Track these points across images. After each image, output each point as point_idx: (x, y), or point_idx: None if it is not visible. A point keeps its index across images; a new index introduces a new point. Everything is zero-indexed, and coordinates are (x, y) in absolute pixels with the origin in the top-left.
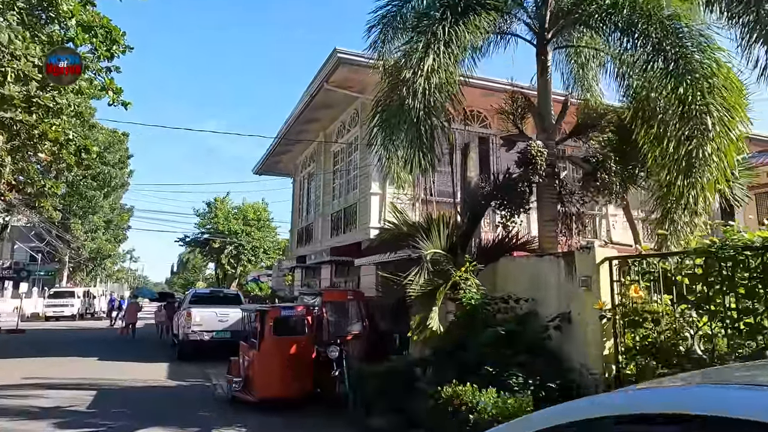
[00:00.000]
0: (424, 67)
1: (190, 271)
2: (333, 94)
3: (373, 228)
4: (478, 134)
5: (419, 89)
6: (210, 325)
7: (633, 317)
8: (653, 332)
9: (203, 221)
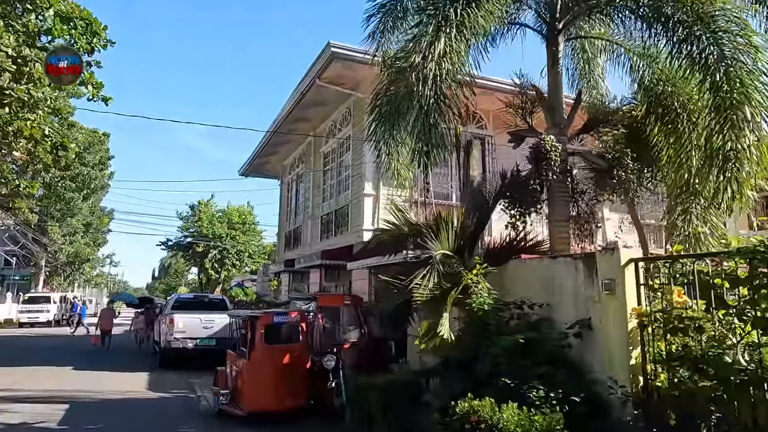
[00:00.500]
0: (435, 51)
1: (172, 276)
2: (325, 90)
3: (366, 230)
4: (475, 135)
5: (430, 75)
6: (194, 332)
7: (674, 323)
8: (693, 340)
9: (186, 224)
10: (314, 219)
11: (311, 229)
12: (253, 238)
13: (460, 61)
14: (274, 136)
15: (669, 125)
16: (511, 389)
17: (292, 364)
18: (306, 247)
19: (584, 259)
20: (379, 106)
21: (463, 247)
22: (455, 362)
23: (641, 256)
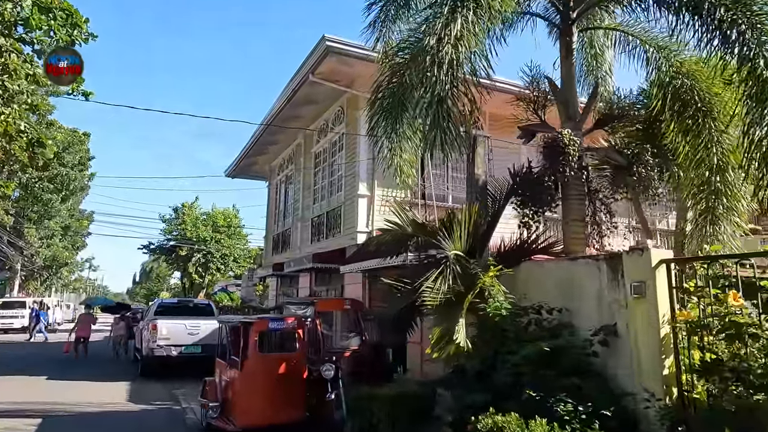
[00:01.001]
0: (451, 33)
1: (154, 281)
2: (318, 87)
3: (360, 232)
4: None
5: (446, 59)
6: (178, 338)
7: (728, 330)
8: (743, 348)
9: (169, 227)
10: (304, 221)
11: (301, 231)
12: (239, 242)
13: (478, 46)
14: (262, 136)
15: (688, 120)
16: (536, 402)
17: (288, 374)
18: (296, 250)
19: (608, 260)
20: (381, 99)
21: (474, 248)
22: (470, 372)
23: (672, 257)
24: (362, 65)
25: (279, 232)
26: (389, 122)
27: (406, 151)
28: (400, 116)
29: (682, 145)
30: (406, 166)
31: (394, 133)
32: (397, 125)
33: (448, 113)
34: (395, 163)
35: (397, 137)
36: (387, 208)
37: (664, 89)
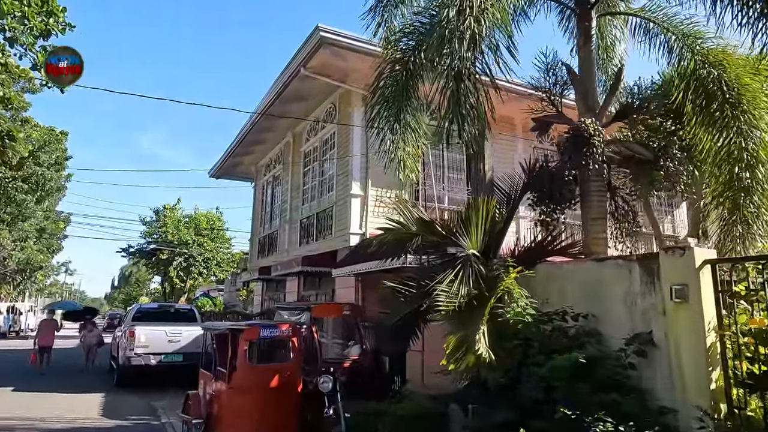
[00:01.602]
0: (473, 3)
1: (133, 286)
2: (309, 82)
3: (353, 234)
4: None
5: (467, 32)
6: (158, 346)
7: None
8: None
9: (150, 230)
10: (292, 223)
11: (289, 233)
12: (222, 245)
13: (504, 18)
14: (249, 135)
15: (714, 113)
16: (571, 421)
17: (282, 387)
18: (283, 253)
19: (642, 261)
20: (383, 88)
21: (489, 248)
22: (491, 385)
23: (717, 257)
24: (357, 59)
25: (265, 235)
26: (392, 112)
27: (409, 143)
28: (404, 106)
29: (706, 139)
30: (409, 160)
31: (397, 124)
32: (400, 115)
33: (466, 94)
34: (398, 157)
35: (400, 128)
36: (381, 208)
37: (687, 80)
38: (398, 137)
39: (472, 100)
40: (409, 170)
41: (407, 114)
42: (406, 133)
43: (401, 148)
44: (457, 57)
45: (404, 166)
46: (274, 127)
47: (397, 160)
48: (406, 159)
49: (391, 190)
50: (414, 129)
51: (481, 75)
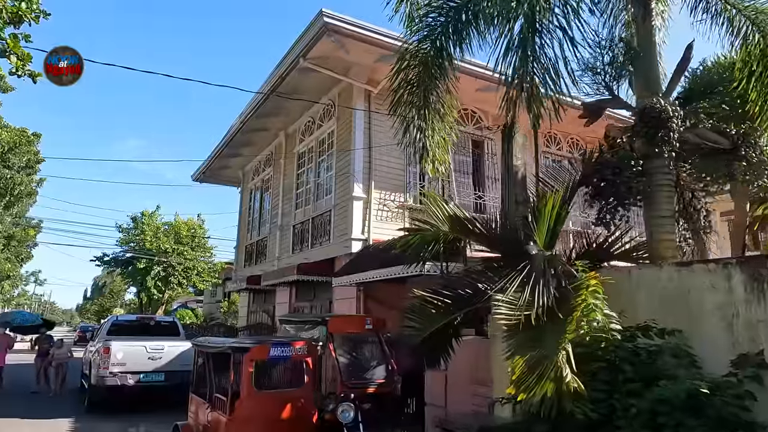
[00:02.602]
0: None
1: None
2: (308, 76)
3: (355, 239)
4: (472, 136)
5: None
6: (136, 364)
7: None
8: None
9: (127, 238)
10: (284, 229)
11: (280, 240)
12: (203, 254)
13: None
14: (237, 135)
15: None
16: None
17: (294, 418)
18: (273, 261)
19: (745, 265)
20: (406, 69)
21: (548, 249)
22: (571, 420)
23: None
24: (361, 50)
25: (253, 242)
26: (418, 95)
27: (437, 131)
28: (432, 87)
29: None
30: (438, 150)
31: (426, 108)
32: (429, 97)
33: (542, 46)
34: (427, 147)
35: (428, 112)
36: (385, 212)
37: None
38: (427, 124)
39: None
40: (438, 162)
41: (434, 97)
42: (434, 121)
43: (429, 136)
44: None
45: (433, 158)
46: (266, 127)
47: (428, 150)
48: (434, 149)
49: (396, 193)
50: (443, 115)
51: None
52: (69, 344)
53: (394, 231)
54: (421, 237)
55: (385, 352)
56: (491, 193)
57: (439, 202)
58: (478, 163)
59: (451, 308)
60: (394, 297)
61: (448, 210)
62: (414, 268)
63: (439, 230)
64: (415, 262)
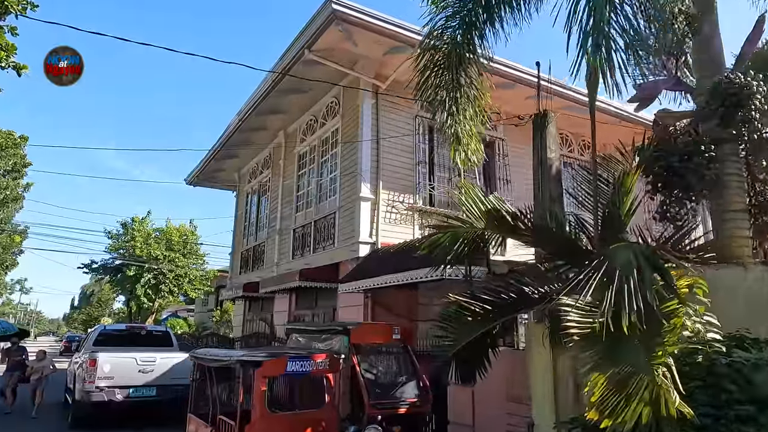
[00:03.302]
0: None
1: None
2: (312, 69)
3: (362, 243)
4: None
5: None
6: (125, 377)
7: None
8: None
9: (116, 244)
10: (283, 234)
11: (279, 245)
12: (195, 262)
13: None
14: (235, 135)
15: None
16: None
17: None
18: (271, 267)
19: None
20: (431, 50)
21: None
22: None
23: None
24: (370, 42)
25: (250, 247)
26: (447, 77)
27: (468, 118)
28: (463, 68)
29: None
30: (470, 139)
31: (457, 91)
32: (459, 78)
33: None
34: (458, 133)
35: (459, 96)
36: (394, 214)
37: None
38: (455, 107)
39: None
40: (471, 151)
41: (465, 79)
42: (465, 105)
43: (459, 122)
44: None
45: (463, 145)
46: (265, 126)
47: (455, 137)
48: (465, 137)
49: (405, 194)
50: (474, 98)
51: None
52: (52, 356)
53: (403, 234)
54: (452, 235)
55: (415, 366)
56: (503, 196)
57: (474, 194)
58: (489, 164)
59: (492, 315)
60: (402, 304)
61: (486, 203)
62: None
63: (474, 227)
64: (444, 264)
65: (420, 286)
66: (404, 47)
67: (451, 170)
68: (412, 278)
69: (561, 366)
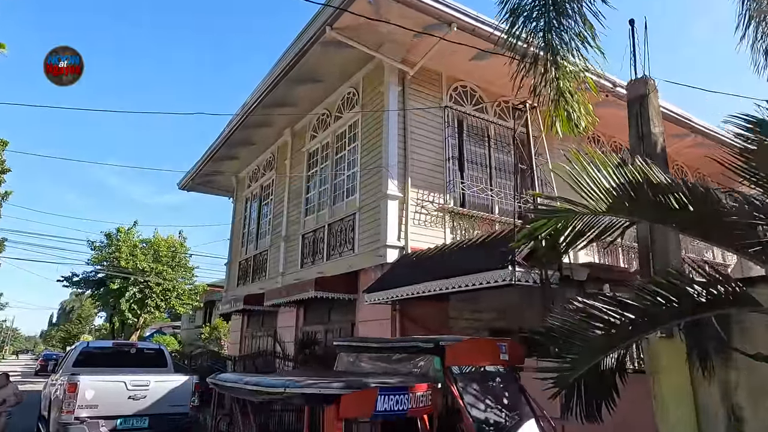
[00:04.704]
0: None
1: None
2: (332, 53)
3: (390, 247)
4: (513, 133)
5: None
6: (112, 405)
7: None
8: None
9: (99, 256)
10: (290, 240)
11: (285, 253)
12: (184, 275)
13: None
14: (238, 130)
15: None
16: None
17: None
18: (276, 278)
19: None
20: None
21: None
22: None
23: None
24: (400, 19)
25: (250, 257)
26: (554, 16)
27: (569, 76)
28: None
29: None
30: (573, 101)
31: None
32: (561, 18)
33: None
34: (561, 88)
35: (561, 42)
36: (423, 215)
37: None
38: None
39: None
40: (578, 117)
41: (569, 21)
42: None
43: (562, 77)
44: None
45: (569, 105)
46: (269, 122)
47: (558, 93)
48: (567, 97)
49: (435, 193)
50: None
51: None
52: (13, 388)
53: (434, 239)
54: (564, 221)
55: (528, 398)
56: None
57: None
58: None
59: (632, 328)
60: (432, 318)
61: (617, 175)
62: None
63: (596, 209)
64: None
65: (451, 297)
66: (439, 25)
67: (481, 167)
68: (471, 284)
69: (706, 394)
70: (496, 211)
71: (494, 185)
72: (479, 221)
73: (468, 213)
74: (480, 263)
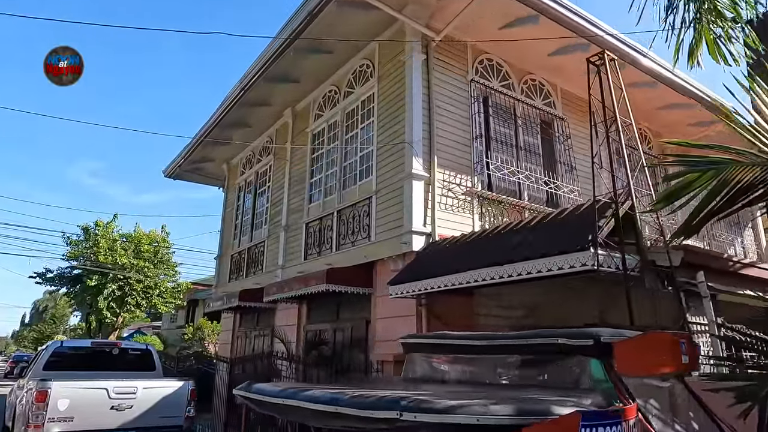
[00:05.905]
0: None
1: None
2: (347, 15)
3: (416, 233)
4: (540, 113)
5: None
6: (91, 417)
7: None
8: None
9: (76, 251)
10: (292, 229)
11: (286, 244)
12: (166, 272)
13: None
14: (234, 108)
15: None
16: None
17: None
18: (275, 271)
19: None
20: None
21: None
22: None
23: None
24: None
25: (243, 249)
26: None
27: None
28: None
29: None
30: None
31: None
32: None
33: None
34: None
35: None
36: (451, 199)
37: None
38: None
39: None
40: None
41: None
42: None
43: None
44: None
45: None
46: (268, 101)
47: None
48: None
49: (462, 174)
50: None
51: None
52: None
53: (461, 225)
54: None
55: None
56: (567, 183)
57: None
58: (547, 147)
59: None
60: (456, 315)
61: None
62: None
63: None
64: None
65: (476, 291)
66: None
67: (509, 147)
68: (536, 270)
69: None
70: (526, 197)
71: (522, 168)
72: (508, 207)
73: (497, 198)
74: (548, 246)
